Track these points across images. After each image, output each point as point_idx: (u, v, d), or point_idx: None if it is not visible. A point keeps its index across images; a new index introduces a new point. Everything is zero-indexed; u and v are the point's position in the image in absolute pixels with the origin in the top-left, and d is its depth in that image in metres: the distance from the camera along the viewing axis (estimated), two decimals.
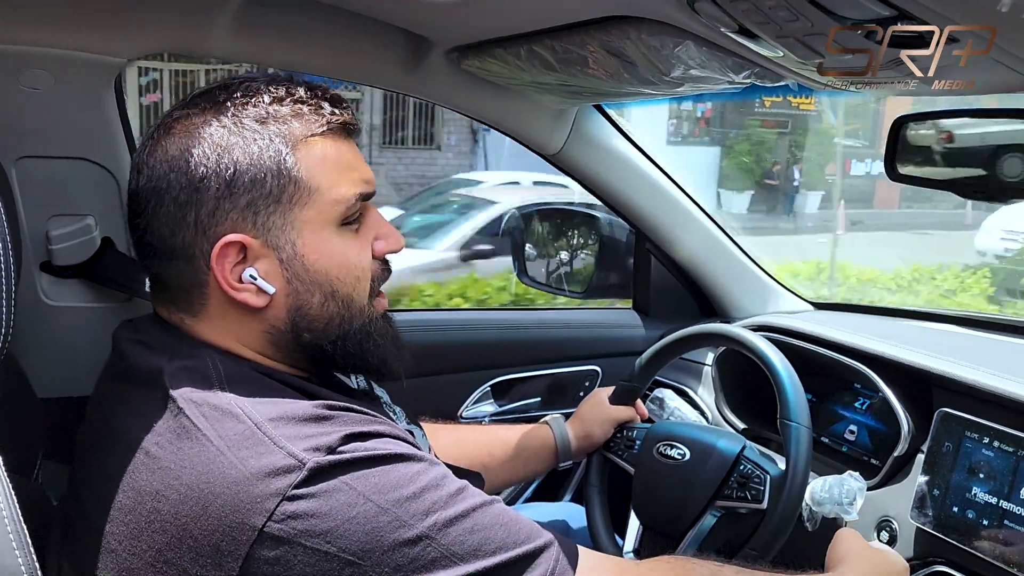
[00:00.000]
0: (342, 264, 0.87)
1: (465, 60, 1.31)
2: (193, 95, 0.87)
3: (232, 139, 0.82)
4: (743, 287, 1.81)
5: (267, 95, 0.85)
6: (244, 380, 0.81)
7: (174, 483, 0.74)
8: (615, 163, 1.64)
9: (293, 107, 0.85)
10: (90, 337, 1.27)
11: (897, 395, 1.28)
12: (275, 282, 0.84)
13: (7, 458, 0.69)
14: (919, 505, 1.16)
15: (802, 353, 1.45)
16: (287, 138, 0.83)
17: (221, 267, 0.82)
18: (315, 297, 0.86)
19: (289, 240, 0.84)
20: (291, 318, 0.86)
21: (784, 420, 1.16)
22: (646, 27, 0.99)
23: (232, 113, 0.83)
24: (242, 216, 0.82)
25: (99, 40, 1.20)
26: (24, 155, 1.21)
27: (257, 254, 0.83)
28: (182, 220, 0.82)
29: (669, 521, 1.23)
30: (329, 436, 0.75)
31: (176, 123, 0.84)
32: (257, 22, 1.24)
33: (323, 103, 0.87)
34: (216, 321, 0.86)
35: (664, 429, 1.29)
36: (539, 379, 1.80)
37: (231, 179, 0.81)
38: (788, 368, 1.19)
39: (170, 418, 0.77)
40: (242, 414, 0.76)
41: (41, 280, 1.27)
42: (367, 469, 0.75)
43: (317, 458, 0.73)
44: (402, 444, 0.80)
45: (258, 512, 0.71)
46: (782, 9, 0.77)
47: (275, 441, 0.74)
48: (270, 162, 0.82)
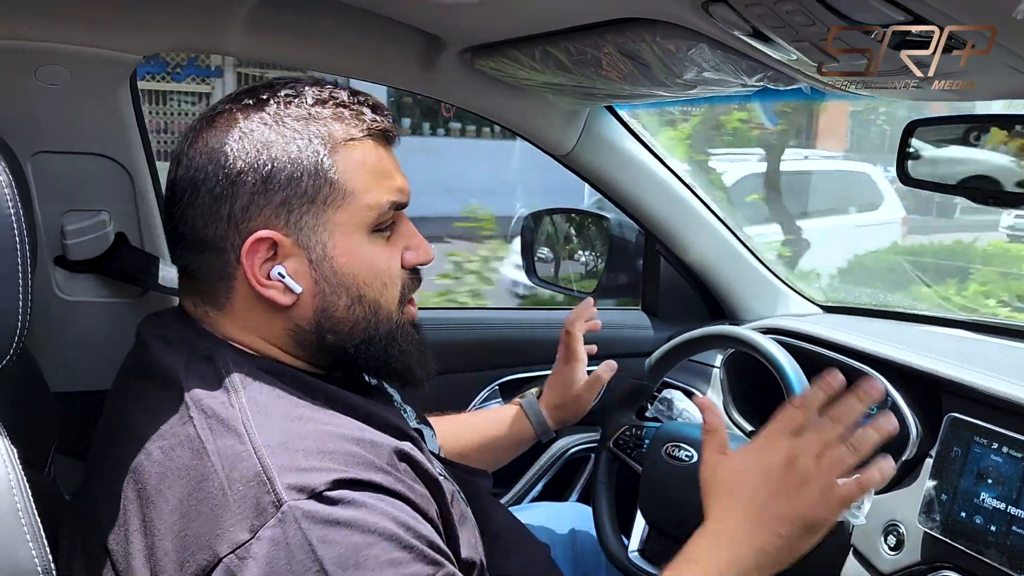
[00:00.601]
0: (371, 269, 0.88)
1: (479, 60, 1.31)
2: (239, 91, 0.88)
3: (272, 136, 0.82)
4: (752, 289, 1.81)
5: (310, 96, 0.85)
6: (260, 383, 0.80)
7: (166, 492, 0.74)
8: (626, 164, 1.65)
9: (335, 110, 0.86)
10: (104, 331, 1.28)
11: (906, 399, 1.28)
12: (303, 281, 0.85)
13: (21, 452, 0.69)
14: (927, 510, 1.16)
15: (811, 356, 1.45)
16: (326, 140, 0.84)
17: (251, 262, 0.82)
18: (341, 300, 0.86)
19: (320, 241, 0.84)
20: (316, 319, 0.86)
21: None
22: (660, 29, 0.99)
23: (275, 111, 0.84)
24: (275, 213, 0.83)
25: (116, 37, 1.21)
26: (40, 150, 1.22)
27: (287, 252, 0.84)
28: (216, 212, 0.82)
29: (675, 522, 1.24)
30: (320, 475, 0.72)
31: (219, 117, 0.85)
32: (272, 21, 1.25)
33: (365, 108, 0.88)
34: (240, 315, 0.86)
35: (673, 430, 1.29)
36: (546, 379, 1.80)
37: (268, 175, 0.82)
38: (798, 372, 1.19)
39: (178, 423, 0.77)
40: (245, 435, 0.75)
41: (56, 274, 1.28)
42: (339, 534, 0.70)
43: (296, 502, 0.70)
44: (395, 515, 0.74)
45: (225, 542, 0.70)
46: (798, 13, 0.77)
47: (266, 470, 0.72)
48: (308, 162, 0.83)
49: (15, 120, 1.19)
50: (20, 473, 0.67)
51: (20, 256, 0.70)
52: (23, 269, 0.71)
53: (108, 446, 0.85)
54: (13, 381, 0.91)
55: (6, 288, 0.70)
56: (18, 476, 0.66)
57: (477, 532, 0.96)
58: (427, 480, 0.84)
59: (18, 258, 0.70)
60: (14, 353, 0.71)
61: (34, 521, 0.66)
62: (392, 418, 0.88)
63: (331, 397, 0.84)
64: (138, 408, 0.82)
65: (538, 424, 1.36)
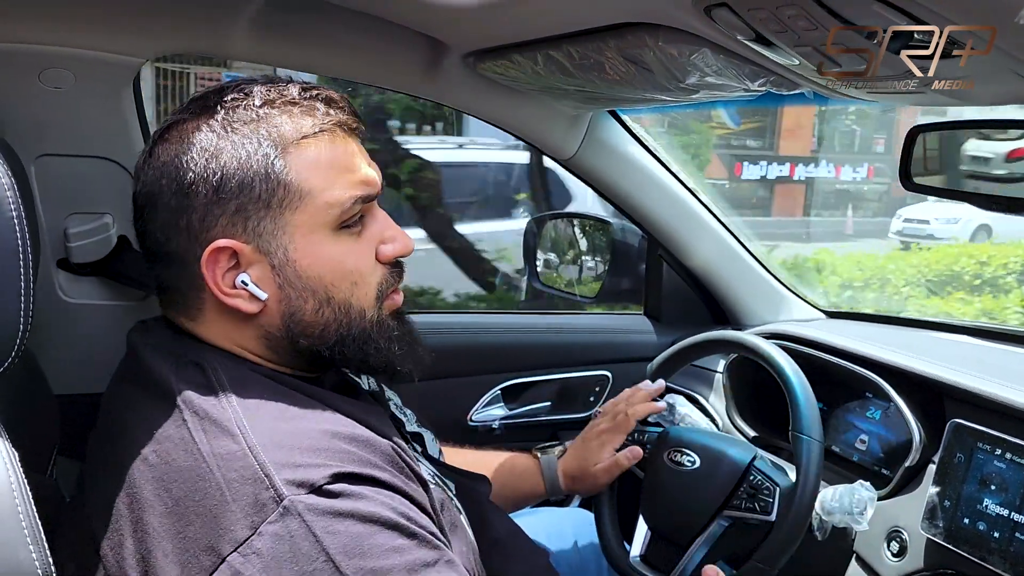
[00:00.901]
0: (337, 269, 0.85)
1: (482, 64, 1.31)
2: (189, 100, 0.86)
3: (221, 143, 0.81)
4: (756, 294, 1.80)
5: (258, 97, 0.83)
6: (249, 386, 0.80)
7: (163, 495, 0.74)
8: (629, 169, 1.64)
9: (284, 108, 0.83)
10: (106, 334, 1.28)
11: (909, 405, 1.28)
12: (267, 288, 0.83)
13: (22, 454, 0.69)
14: (930, 516, 1.16)
15: (814, 361, 1.45)
16: (276, 141, 0.81)
17: (212, 273, 0.81)
18: (308, 303, 0.85)
19: (280, 245, 0.82)
20: (285, 324, 0.85)
21: (796, 432, 1.15)
22: (663, 34, 0.99)
23: (222, 117, 0.82)
24: (232, 222, 0.81)
25: (120, 40, 1.21)
26: (44, 153, 1.22)
27: (249, 260, 0.82)
28: (175, 226, 0.82)
29: (677, 528, 1.23)
30: (319, 470, 0.72)
31: (171, 129, 0.83)
32: (276, 25, 1.25)
33: (317, 103, 0.85)
34: (214, 325, 0.86)
35: (675, 435, 1.29)
36: (550, 383, 1.80)
37: (219, 184, 0.80)
38: (802, 379, 1.19)
39: (172, 427, 0.77)
40: (239, 435, 0.74)
41: (59, 277, 1.29)
42: (343, 524, 0.70)
43: (297, 496, 0.70)
44: (395, 505, 0.75)
45: (228, 540, 0.70)
46: (801, 18, 0.77)
47: (263, 467, 0.72)
48: (258, 166, 0.80)
49: (19, 122, 1.20)
50: (21, 475, 0.67)
51: (22, 258, 0.70)
52: (25, 272, 0.71)
53: (102, 453, 0.85)
54: (15, 383, 0.91)
55: (8, 290, 0.70)
56: (19, 478, 0.66)
57: (472, 539, 0.95)
58: (420, 483, 0.84)
59: (20, 261, 0.70)
60: (16, 355, 0.71)
61: (34, 523, 0.66)
62: (380, 424, 0.87)
63: (320, 399, 0.83)
64: (132, 415, 0.82)
65: (551, 485, 1.31)
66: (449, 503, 0.93)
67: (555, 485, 1.32)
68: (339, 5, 1.20)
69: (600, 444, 1.31)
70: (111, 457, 0.81)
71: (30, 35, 1.16)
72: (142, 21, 1.20)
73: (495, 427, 1.75)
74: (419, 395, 1.14)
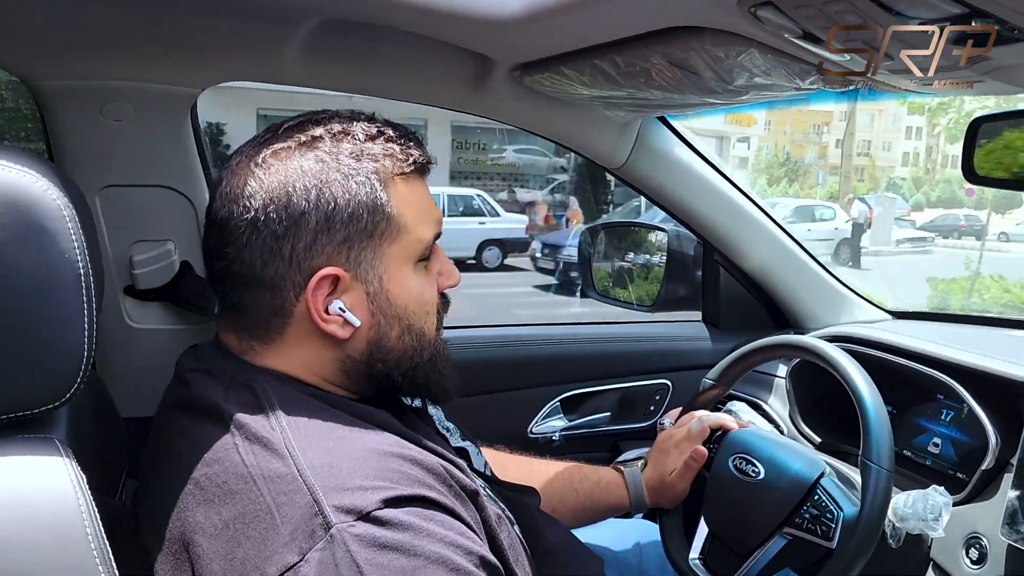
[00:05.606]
0: (418, 299, 0.90)
1: (528, 77, 1.31)
2: (283, 127, 0.88)
3: (330, 175, 0.83)
4: (817, 296, 1.76)
5: (360, 132, 0.86)
6: (298, 407, 0.81)
7: (214, 518, 0.75)
8: (680, 174, 1.63)
9: (385, 145, 0.87)
10: (172, 357, 1.30)
11: (983, 406, 1.23)
12: (360, 315, 0.86)
13: (92, 477, 0.71)
14: (1010, 521, 1.11)
15: (882, 364, 1.41)
16: (380, 175, 0.85)
17: (315, 299, 0.84)
18: (394, 330, 0.89)
19: (377, 274, 0.86)
20: (369, 349, 0.88)
21: (865, 460, 1.09)
22: (708, 37, 0.98)
23: (328, 148, 0.84)
24: (337, 250, 0.84)
25: (177, 72, 1.25)
26: (108, 184, 1.27)
27: (347, 287, 0.85)
28: (277, 252, 0.83)
29: (737, 537, 1.21)
30: (368, 495, 0.72)
31: (271, 156, 0.85)
32: (326, 49, 1.27)
33: (411, 143, 0.89)
34: (290, 349, 0.87)
35: (742, 440, 1.26)
36: (609, 393, 1.79)
37: (330, 214, 0.83)
38: (868, 383, 1.14)
39: (222, 450, 0.78)
40: (288, 457, 0.75)
41: (125, 303, 1.33)
42: (386, 557, 0.69)
43: (344, 524, 0.70)
44: (443, 535, 0.73)
45: (275, 564, 0.70)
46: (848, 13, 0.75)
47: (312, 492, 0.72)
48: (366, 198, 0.84)
49: (83, 156, 1.24)
50: (90, 498, 0.69)
51: (84, 289, 0.72)
52: (88, 302, 0.73)
53: (153, 478, 0.87)
54: (84, 408, 0.93)
55: (72, 320, 0.71)
56: (87, 501, 0.68)
57: (526, 558, 0.95)
58: (471, 498, 0.84)
59: (83, 292, 0.72)
60: (81, 381, 0.73)
61: (103, 545, 0.67)
62: (428, 441, 0.87)
63: (369, 418, 0.84)
64: (182, 440, 0.83)
65: (636, 499, 1.32)
66: (505, 520, 0.93)
67: (640, 498, 1.32)
68: (386, 26, 1.22)
69: (679, 453, 1.31)
70: (164, 482, 0.82)
71: (91, 71, 1.20)
72: (198, 52, 1.24)
73: (555, 439, 1.75)
74: (478, 409, 1.14)
